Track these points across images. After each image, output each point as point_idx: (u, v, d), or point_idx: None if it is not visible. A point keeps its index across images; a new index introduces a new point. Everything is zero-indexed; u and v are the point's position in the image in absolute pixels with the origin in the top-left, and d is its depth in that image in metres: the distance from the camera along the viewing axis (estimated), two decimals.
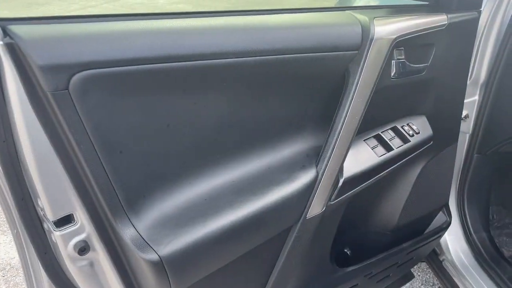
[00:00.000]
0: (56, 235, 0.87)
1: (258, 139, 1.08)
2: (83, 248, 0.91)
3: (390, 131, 1.32)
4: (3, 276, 2.38)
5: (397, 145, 1.30)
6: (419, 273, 2.38)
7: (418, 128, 1.36)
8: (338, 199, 1.19)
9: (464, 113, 1.73)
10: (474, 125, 1.76)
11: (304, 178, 1.10)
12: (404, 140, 1.32)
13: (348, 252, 1.58)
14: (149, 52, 0.80)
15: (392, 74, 1.18)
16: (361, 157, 1.23)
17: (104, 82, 0.78)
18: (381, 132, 1.30)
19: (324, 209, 1.17)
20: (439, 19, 1.22)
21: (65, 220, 0.88)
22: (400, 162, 1.32)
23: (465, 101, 1.54)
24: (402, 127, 1.34)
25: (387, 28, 1.10)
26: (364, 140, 1.27)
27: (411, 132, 1.34)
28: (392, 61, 1.16)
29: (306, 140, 1.17)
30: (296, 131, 1.15)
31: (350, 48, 1.06)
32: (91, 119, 0.79)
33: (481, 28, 1.57)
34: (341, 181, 1.17)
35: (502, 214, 2.21)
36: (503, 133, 1.75)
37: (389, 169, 1.29)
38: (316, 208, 1.15)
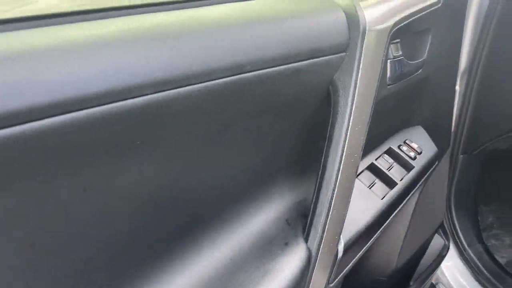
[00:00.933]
0: None
1: (209, 215, 0.65)
2: None
3: (385, 157, 0.95)
4: None
5: (399, 176, 0.93)
6: None
7: (419, 145, 1.00)
8: (339, 276, 0.80)
9: None
10: (457, 121, 1.46)
11: (290, 265, 0.68)
12: (406, 166, 0.96)
13: None
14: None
15: (387, 79, 0.81)
16: (360, 205, 0.84)
17: None
18: (375, 160, 0.93)
19: None
20: None
21: None
22: (407, 198, 0.95)
23: None
24: (399, 147, 0.98)
25: (379, 13, 0.72)
26: (356, 177, 0.88)
27: (412, 154, 0.97)
28: (388, 61, 0.79)
29: (282, 199, 0.75)
30: (266, 187, 0.73)
31: (334, 50, 0.65)
32: None
33: None
34: (340, 249, 0.77)
35: (484, 213, 1.95)
36: (491, 128, 1.46)
37: (395, 212, 0.92)
38: None
